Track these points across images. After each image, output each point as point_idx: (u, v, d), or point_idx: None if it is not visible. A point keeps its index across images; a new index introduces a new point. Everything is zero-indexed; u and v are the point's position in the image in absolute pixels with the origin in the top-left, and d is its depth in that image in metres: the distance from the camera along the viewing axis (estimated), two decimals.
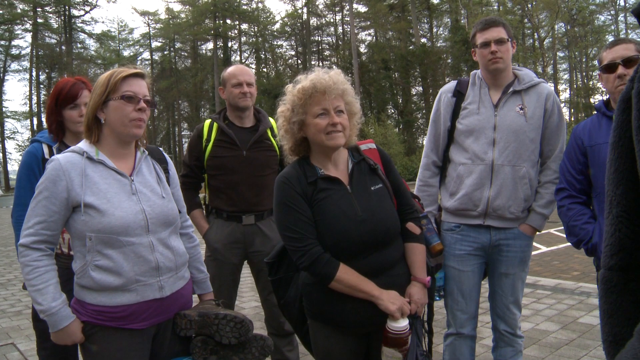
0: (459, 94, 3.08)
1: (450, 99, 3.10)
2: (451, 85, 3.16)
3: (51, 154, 2.90)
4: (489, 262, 3.12)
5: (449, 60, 45.84)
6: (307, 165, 2.36)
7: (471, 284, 3.07)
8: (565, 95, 50.07)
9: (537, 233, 3.11)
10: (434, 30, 54.75)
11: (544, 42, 43.87)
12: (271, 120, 3.63)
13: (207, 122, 3.61)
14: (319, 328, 2.41)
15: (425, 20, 54.45)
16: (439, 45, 51.53)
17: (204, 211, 3.72)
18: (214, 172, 3.54)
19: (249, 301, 6.30)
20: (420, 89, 49.63)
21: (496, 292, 3.12)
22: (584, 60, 49.04)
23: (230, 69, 3.60)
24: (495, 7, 45.57)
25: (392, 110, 51.65)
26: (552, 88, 3.02)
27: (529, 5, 42.25)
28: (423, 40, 51.03)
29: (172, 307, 2.32)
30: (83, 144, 2.24)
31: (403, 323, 2.22)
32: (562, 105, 46.36)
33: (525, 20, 44.03)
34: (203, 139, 3.54)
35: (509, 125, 2.92)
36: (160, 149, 2.57)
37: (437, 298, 3.13)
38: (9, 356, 4.67)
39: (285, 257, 2.56)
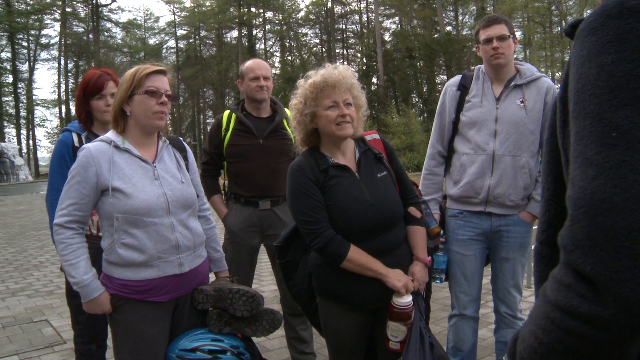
0: (464, 88, 3.23)
1: (455, 93, 3.26)
2: (456, 79, 3.32)
3: (80, 142, 3.10)
4: (490, 248, 3.27)
5: (474, 49, 45.25)
6: (318, 154, 2.54)
7: (473, 267, 3.24)
8: None
9: (537, 220, 3.25)
10: (460, 18, 54.01)
11: None
12: (287, 110, 3.81)
13: (226, 112, 3.81)
14: (329, 306, 2.59)
15: (451, 8, 53.76)
16: (464, 33, 50.83)
17: (224, 196, 3.93)
18: (232, 159, 3.73)
19: (268, 285, 6.52)
20: (445, 77, 49.04)
21: (497, 276, 3.27)
22: None
23: (248, 63, 3.78)
24: None
25: (417, 99, 51.39)
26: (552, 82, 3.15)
27: None
28: (448, 28, 50.49)
29: (190, 282, 2.54)
30: (110, 134, 2.46)
31: (407, 299, 2.40)
32: None
33: (553, 7, 43.29)
34: (222, 129, 3.73)
35: (509, 118, 3.07)
36: (180, 138, 2.79)
37: (439, 281, 3.31)
38: (43, 331, 4.98)
39: (293, 241, 2.74)
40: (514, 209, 3.14)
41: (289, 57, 62.37)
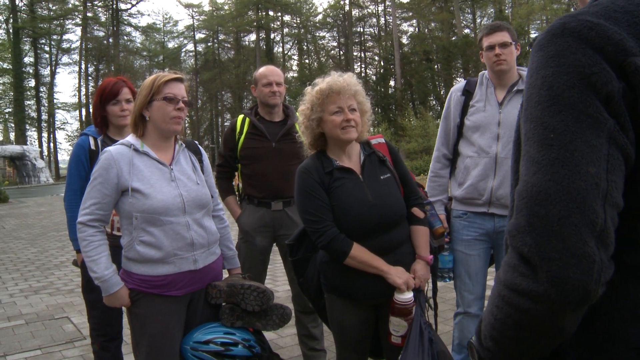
0: (468, 93, 3.35)
1: (460, 98, 3.38)
2: (461, 85, 3.44)
3: (96, 145, 3.26)
4: (494, 248, 3.38)
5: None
6: (324, 157, 2.67)
7: (477, 266, 3.34)
8: None
9: None
10: (477, 20, 53.85)
11: None
12: (298, 115, 3.94)
13: (240, 117, 3.95)
14: (334, 301, 2.71)
15: (468, 11, 53.58)
16: None
17: (237, 197, 4.06)
18: (246, 161, 3.86)
19: (282, 285, 6.63)
20: (462, 80, 48.83)
21: None
22: None
23: (261, 70, 3.91)
24: None
25: (434, 102, 51.26)
26: None
27: None
28: (466, 31, 50.26)
29: (204, 278, 2.69)
30: (130, 138, 2.61)
31: (408, 295, 2.51)
32: None
33: (572, 9, 42.94)
34: (236, 132, 3.87)
35: (512, 122, 3.16)
36: (196, 142, 2.94)
37: (447, 280, 3.42)
38: (64, 327, 5.19)
39: (304, 240, 2.86)
40: None
41: (307, 61, 62.65)
